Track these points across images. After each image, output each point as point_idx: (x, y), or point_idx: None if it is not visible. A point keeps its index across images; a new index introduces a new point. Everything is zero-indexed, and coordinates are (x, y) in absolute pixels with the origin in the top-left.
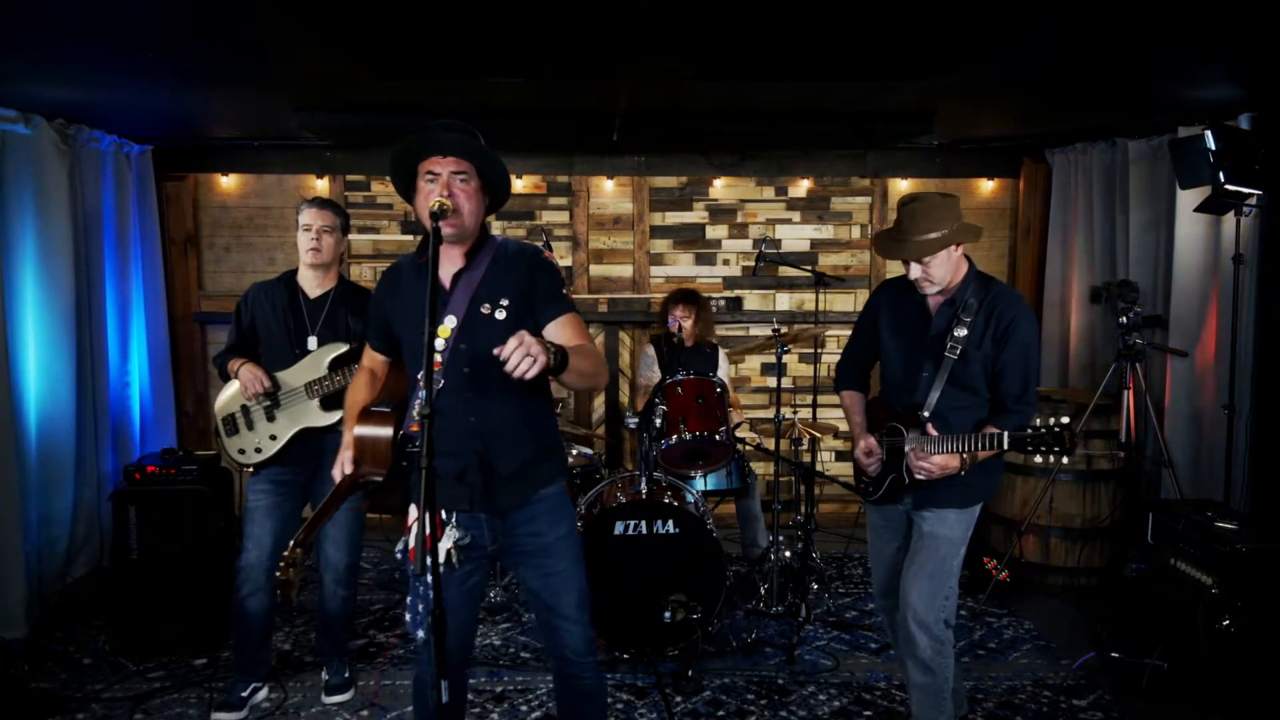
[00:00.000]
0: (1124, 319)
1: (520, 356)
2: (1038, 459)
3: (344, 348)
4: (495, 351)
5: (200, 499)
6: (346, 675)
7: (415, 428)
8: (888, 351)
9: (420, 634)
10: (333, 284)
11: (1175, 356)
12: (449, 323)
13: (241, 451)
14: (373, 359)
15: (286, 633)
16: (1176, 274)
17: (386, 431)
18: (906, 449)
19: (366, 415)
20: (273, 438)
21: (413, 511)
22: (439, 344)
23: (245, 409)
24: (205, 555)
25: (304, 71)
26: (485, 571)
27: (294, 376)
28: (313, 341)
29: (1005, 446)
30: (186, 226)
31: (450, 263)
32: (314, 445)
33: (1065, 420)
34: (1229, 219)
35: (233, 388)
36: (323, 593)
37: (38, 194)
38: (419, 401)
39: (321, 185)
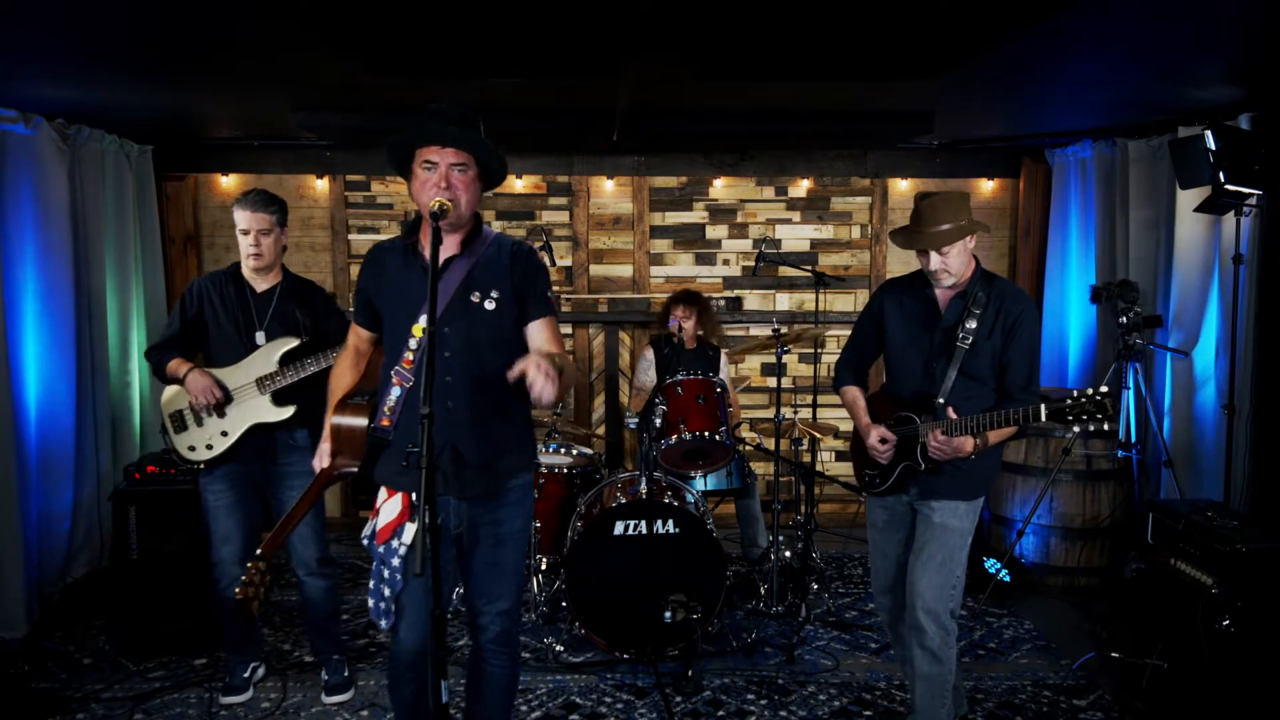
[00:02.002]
0: (1124, 319)
1: (543, 380)
2: (1076, 428)
3: (294, 342)
4: (511, 374)
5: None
6: (346, 674)
7: (385, 421)
8: (896, 346)
9: (384, 624)
10: (278, 279)
11: (1175, 356)
12: (424, 321)
13: (192, 449)
14: (358, 336)
15: (286, 633)
16: (1176, 274)
17: (363, 422)
18: (921, 434)
19: (343, 407)
20: (224, 434)
21: (381, 494)
22: (413, 343)
23: (193, 405)
24: (205, 555)
25: (304, 71)
26: (451, 551)
27: (244, 372)
28: (260, 337)
29: (1042, 419)
30: (186, 226)
31: (444, 250)
32: (266, 441)
33: (1105, 389)
34: (1229, 219)
35: (179, 386)
36: (300, 589)
37: (38, 194)
38: (392, 395)
39: (321, 185)
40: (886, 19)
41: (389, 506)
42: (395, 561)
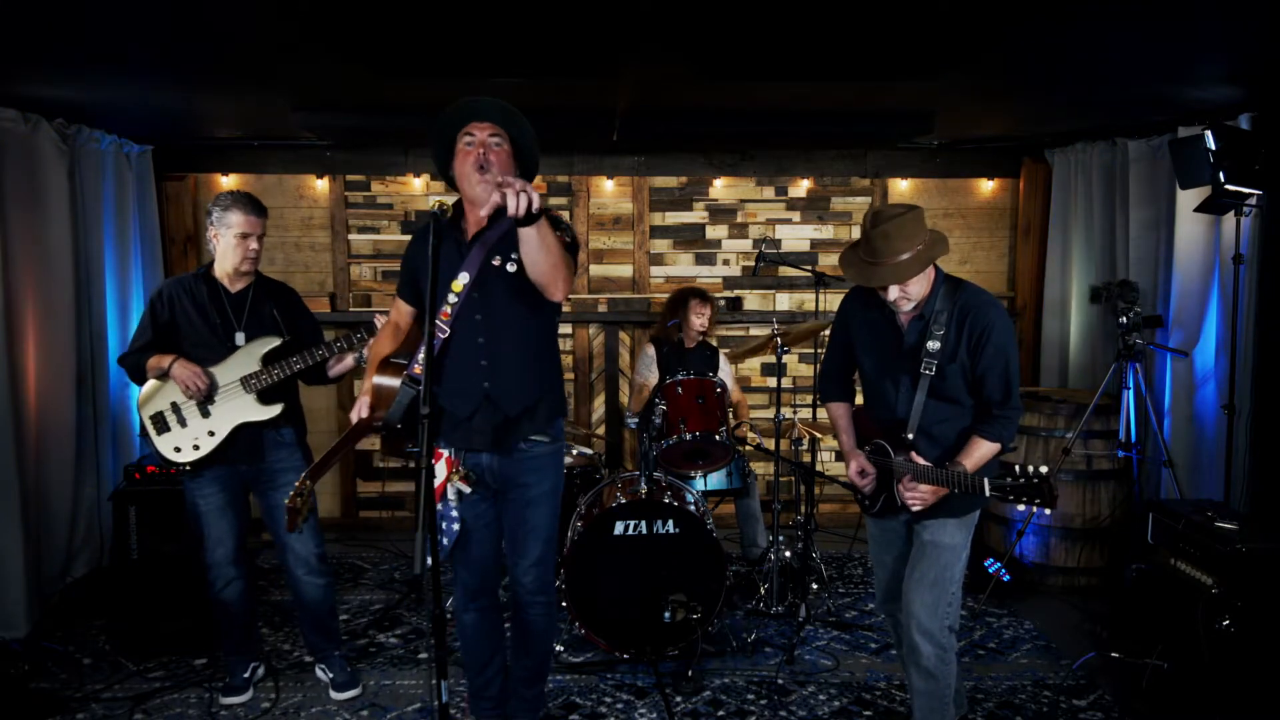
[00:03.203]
0: (1124, 319)
1: (512, 192)
2: (1020, 507)
3: (276, 342)
4: (496, 199)
5: None
6: (349, 670)
7: (418, 369)
8: (865, 366)
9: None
10: (252, 279)
11: (1175, 356)
12: (462, 278)
13: (177, 450)
14: (399, 311)
15: (286, 633)
16: (1176, 274)
17: (397, 381)
18: (895, 471)
19: (385, 365)
20: (211, 434)
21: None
22: (452, 297)
23: (175, 405)
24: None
25: (304, 71)
26: (490, 506)
27: (226, 372)
28: (240, 337)
29: (985, 494)
30: (186, 226)
31: (474, 223)
32: (254, 440)
33: (1044, 470)
34: (1229, 219)
35: (156, 384)
36: (298, 587)
37: (38, 194)
38: (422, 352)
39: (321, 185)
40: (887, 19)
41: (437, 469)
42: (453, 514)
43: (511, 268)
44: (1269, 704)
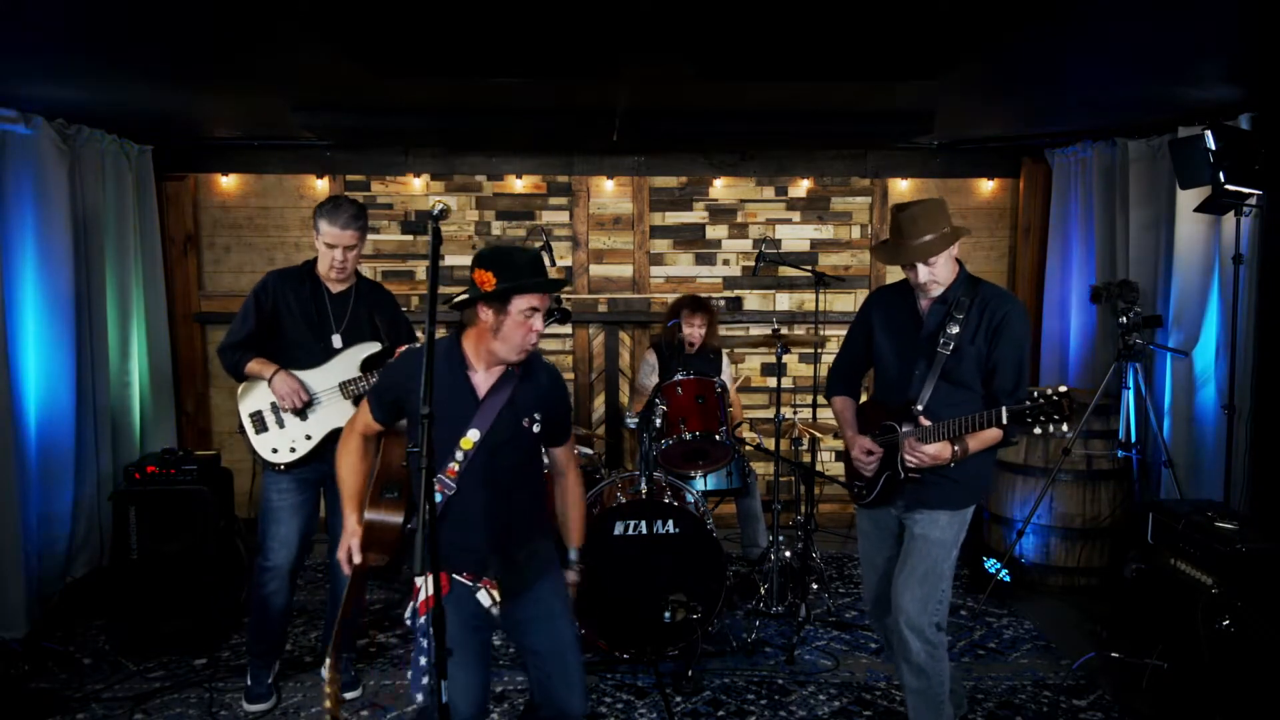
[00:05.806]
0: (1124, 319)
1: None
2: (1037, 430)
3: (376, 347)
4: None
5: (200, 499)
6: (354, 673)
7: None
8: (882, 353)
9: (419, 697)
10: (353, 281)
11: (1175, 356)
12: (472, 435)
13: (274, 450)
14: (368, 425)
15: (285, 632)
16: (1176, 274)
17: (398, 520)
18: (901, 443)
19: (378, 502)
20: (308, 437)
21: (418, 581)
22: (459, 454)
23: (274, 405)
24: (205, 555)
25: (304, 71)
26: (491, 633)
27: (325, 376)
28: (337, 340)
29: (1004, 422)
30: (186, 226)
31: (484, 361)
32: None
33: (1063, 389)
34: (1229, 219)
35: (257, 384)
36: (339, 587)
37: (38, 194)
38: (431, 485)
39: (321, 185)
40: (887, 19)
41: (425, 584)
42: (423, 642)
43: (537, 429)
44: (1269, 704)
